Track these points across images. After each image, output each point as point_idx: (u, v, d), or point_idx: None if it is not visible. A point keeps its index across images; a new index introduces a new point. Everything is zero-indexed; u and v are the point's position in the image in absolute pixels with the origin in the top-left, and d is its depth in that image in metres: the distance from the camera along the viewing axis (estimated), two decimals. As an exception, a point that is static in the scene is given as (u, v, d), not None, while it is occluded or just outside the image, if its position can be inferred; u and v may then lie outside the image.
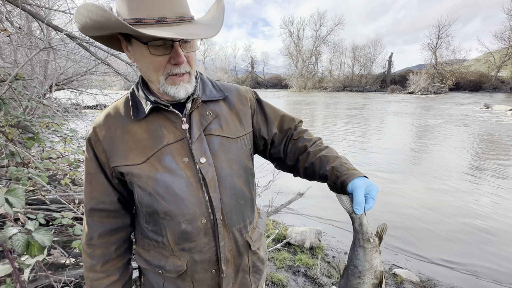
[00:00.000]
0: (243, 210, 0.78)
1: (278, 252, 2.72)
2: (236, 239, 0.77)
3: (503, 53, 38.00)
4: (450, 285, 2.54)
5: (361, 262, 0.71)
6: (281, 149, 0.90)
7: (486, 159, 6.61)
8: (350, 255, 0.75)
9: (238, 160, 0.77)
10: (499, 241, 3.28)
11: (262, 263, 0.90)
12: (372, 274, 0.71)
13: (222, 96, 0.80)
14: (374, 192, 0.72)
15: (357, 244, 0.73)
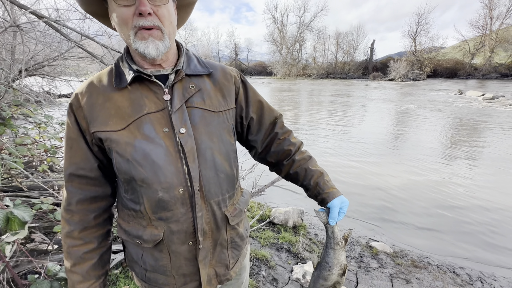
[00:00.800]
0: (222, 184, 0.80)
1: (263, 232, 2.83)
2: (214, 212, 0.80)
3: (477, 41, 39.59)
4: (420, 254, 2.77)
5: (331, 259, 0.91)
6: (261, 143, 0.95)
7: (458, 142, 7.04)
8: (322, 254, 0.95)
9: (219, 134, 0.79)
10: (469, 213, 3.58)
11: (242, 239, 0.93)
12: (339, 267, 0.92)
13: (206, 71, 0.81)
14: (345, 208, 0.91)
15: (329, 246, 0.93)
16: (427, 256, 2.74)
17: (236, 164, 0.88)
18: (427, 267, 2.56)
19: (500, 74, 36.22)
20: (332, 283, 0.91)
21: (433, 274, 2.45)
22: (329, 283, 0.91)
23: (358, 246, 2.85)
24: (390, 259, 2.63)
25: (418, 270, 2.50)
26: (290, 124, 9.26)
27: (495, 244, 2.99)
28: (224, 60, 62.17)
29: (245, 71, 58.28)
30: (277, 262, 2.44)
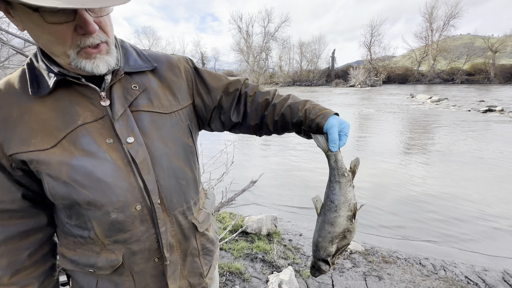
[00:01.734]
0: (185, 191, 0.72)
1: (236, 243, 2.71)
2: (180, 223, 0.72)
3: (422, 50, 44.46)
4: (389, 250, 2.87)
5: (337, 196, 0.76)
6: (236, 112, 0.85)
7: (413, 140, 7.66)
8: (326, 192, 0.80)
9: (174, 138, 0.70)
10: (428, 206, 3.84)
11: (213, 243, 0.86)
12: (347, 207, 0.77)
13: (150, 66, 0.71)
14: (346, 129, 0.78)
15: (333, 180, 0.78)
16: (395, 251, 2.85)
17: (197, 166, 0.80)
18: (396, 261, 2.65)
19: (442, 79, 41.03)
20: (341, 229, 0.77)
21: (402, 268, 2.54)
22: (337, 229, 0.76)
23: (332, 247, 2.87)
24: (362, 258, 2.68)
25: (388, 266, 2.57)
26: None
27: (449, 232, 3.23)
28: (191, 70, 61.09)
29: (213, 80, 57.92)
30: (252, 274, 2.34)
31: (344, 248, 0.82)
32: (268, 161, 5.94)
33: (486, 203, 3.89)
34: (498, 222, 3.41)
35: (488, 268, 2.58)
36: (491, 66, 40.24)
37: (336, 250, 0.82)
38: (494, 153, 6.20)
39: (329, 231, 0.77)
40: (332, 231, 0.77)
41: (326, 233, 0.78)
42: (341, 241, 0.80)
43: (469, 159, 5.85)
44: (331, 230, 0.77)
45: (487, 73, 40.02)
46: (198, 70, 0.82)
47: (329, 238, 0.78)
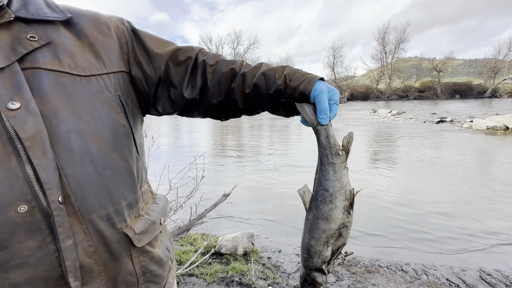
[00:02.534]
0: (112, 186, 0.51)
1: (209, 266, 2.41)
2: (103, 233, 0.50)
3: (379, 70, 48.92)
4: (371, 258, 2.77)
5: (332, 182, 0.61)
6: (191, 86, 0.66)
7: (378, 149, 8.02)
8: (317, 178, 0.63)
9: (94, 110, 0.50)
10: (397, 212, 3.88)
11: (161, 265, 0.63)
12: (343, 195, 0.62)
13: (61, 17, 0.52)
14: (336, 96, 0.64)
15: (325, 162, 0.62)
16: (377, 259, 2.75)
17: (137, 156, 0.59)
18: (379, 270, 2.54)
19: (398, 96, 45.29)
20: (338, 225, 0.61)
21: (385, 277, 2.43)
22: (333, 225, 0.61)
23: (313, 262, 2.69)
24: (345, 270, 2.53)
25: (372, 276, 2.45)
26: (233, 145, 9.13)
27: (422, 236, 3.26)
28: (160, 90, 60.04)
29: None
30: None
31: (340, 250, 0.66)
32: (242, 178, 5.73)
33: (448, 205, 4.05)
34: (462, 222, 3.53)
35: (465, 268, 2.58)
36: (438, 84, 45.52)
37: (331, 253, 0.66)
38: (449, 159, 6.69)
39: (324, 229, 0.62)
40: (327, 228, 0.62)
41: (320, 232, 0.62)
42: (336, 241, 0.65)
43: (428, 165, 6.21)
44: (326, 228, 0.62)
45: (435, 90, 45.09)
46: (137, 32, 0.64)
47: (324, 238, 0.63)
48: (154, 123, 17.98)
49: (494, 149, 7.88)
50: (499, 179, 5.13)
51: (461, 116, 15.58)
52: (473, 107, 23.08)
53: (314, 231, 0.63)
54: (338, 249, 0.66)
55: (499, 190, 4.54)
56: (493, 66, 44.69)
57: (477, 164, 6.27)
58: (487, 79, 44.90)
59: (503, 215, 3.69)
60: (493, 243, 3.05)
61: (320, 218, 0.62)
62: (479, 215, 3.72)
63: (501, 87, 42.22)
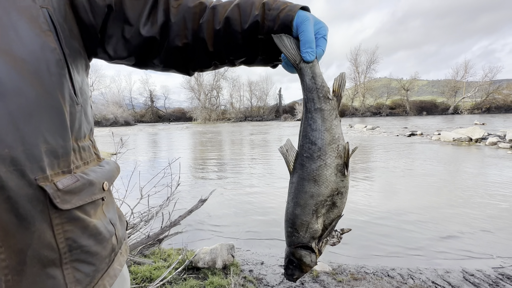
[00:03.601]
0: (25, 120, 0.37)
1: (183, 282, 2.16)
2: (3, 183, 0.34)
3: (353, 89, 51.75)
4: (356, 265, 2.66)
5: (320, 133, 0.50)
6: (151, 23, 0.54)
7: (357, 162, 8.20)
8: (303, 129, 0.52)
9: (9, 19, 0.37)
10: (377, 219, 3.87)
11: (99, 241, 0.47)
12: (335, 151, 0.51)
13: None
14: (324, 30, 0.53)
15: (311, 108, 0.51)
16: (362, 266, 2.65)
17: (73, 97, 0.45)
18: (365, 277, 2.43)
19: (372, 112, 47.93)
20: (330, 189, 0.50)
21: (372, 283, 2.33)
22: (323, 188, 0.50)
23: (297, 272, 2.53)
24: (331, 278, 2.40)
25: (359, 283, 2.33)
26: (214, 160, 8.88)
27: (405, 243, 3.24)
28: (138, 108, 58.64)
29: (163, 118, 56.30)
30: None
31: (334, 225, 0.55)
32: (223, 191, 5.51)
33: (425, 211, 4.13)
34: (439, 226, 3.58)
35: (449, 270, 2.56)
36: (406, 102, 48.89)
37: (323, 228, 0.54)
38: (423, 167, 6.97)
39: (312, 193, 0.50)
40: (316, 192, 0.50)
41: (307, 198, 0.51)
42: (329, 212, 0.53)
43: (404, 173, 6.42)
44: (314, 192, 0.50)
45: (404, 107, 48.36)
46: None
47: (313, 206, 0.51)
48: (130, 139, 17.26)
49: (462, 158, 8.37)
50: (468, 185, 5.37)
51: (430, 130, 16.63)
52: (439, 122, 24.85)
53: (299, 196, 0.51)
54: (331, 223, 0.54)
55: (468, 196, 4.73)
56: (453, 86, 49.10)
57: (448, 172, 6.57)
58: (449, 97, 49.09)
59: (474, 218, 3.80)
60: (468, 245, 3.08)
61: (306, 179, 0.51)
62: (455, 218, 3.80)
63: (461, 104, 46.31)
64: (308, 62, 0.51)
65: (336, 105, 0.53)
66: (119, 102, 51.17)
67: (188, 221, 3.86)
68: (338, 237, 0.59)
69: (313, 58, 0.51)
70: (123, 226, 0.60)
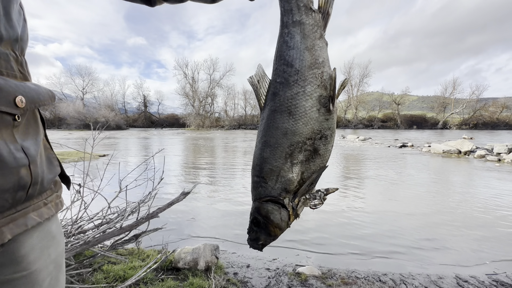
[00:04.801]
0: None
1: (160, 283, 1.98)
2: None
3: (346, 101, 52.68)
4: (347, 270, 2.53)
5: (298, 52, 0.38)
6: None
7: (349, 170, 8.16)
8: (277, 49, 0.40)
9: None
10: (368, 224, 3.77)
11: None
12: (318, 78, 0.39)
13: None
14: None
15: (288, 22, 0.39)
16: (353, 271, 2.52)
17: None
18: (356, 281, 2.30)
19: (364, 125, 48.72)
20: (308, 127, 0.38)
21: (363, 288, 2.20)
22: (300, 124, 0.38)
23: (285, 276, 2.38)
24: (320, 282, 2.26)
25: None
26: (205, 165, 8.69)
27: (397, 248, 3.14)
28: (131, 113, 57.98)
29: (156, 123, 55.73)
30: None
31: (315, 179, 0.43)
32: (212, 194, 5.33)
33: (416, 218, 4.06)
34: (433, 233, 3.50)
35: (442, 276, 2.45)
36: (397, 115, 49.97)
37: (300, 179, 0.41)
38: (413, 177, 6.97)
39: (286, 129, 0.39)
40: (291, 128, 0.39)
41: (279, 135, 0.39)
42: (309, 161, 0.41)
43: (393, 182, 6.38)
44: (289, 127, 0.39)
45: (396, 121, 49.36)
46: None
47: (286, 147, 0.39)
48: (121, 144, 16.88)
49: (452, 169, 8.44)
50: (459, 194, 5.36)
51: (420, 142, 16.89)
52: (429, 135, 25.34)
53: (269, 133, 0.39)
54: (312, 176, 0.43)
55: (459, 204, 4.70)
56: (442, 102, 50.59)
57: (439, 181, 6.58)
58: (438, 112, 50.46)
59: (466, 225, 3.74)
60: (461, 251, 3.00)
61: (278, 111, 0.39)
62: (447, 226, 3.73)
63: (450, 120, 47.60)
64: None
65: (321, 20, 0.42)
66: (112, 106, 50.51)
67: (173, 222, 3.67)
68: (321, 198, 0.47)
69: None
70: (52, 172, 0.47)
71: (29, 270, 0.41)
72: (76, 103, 47.11)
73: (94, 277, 1.86)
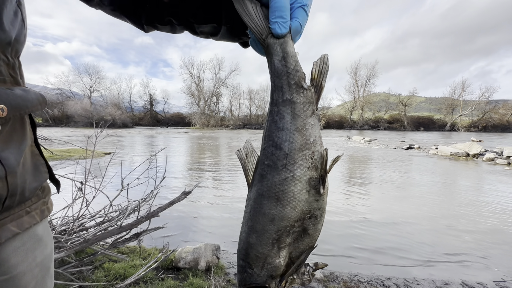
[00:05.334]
0: None
1: (160, 283, 1.97)
2: None
3: (352, 102, 52.29)
4: (350, 273, 2.49)
5: (288, 134, 0.36)
6: None
7: (354, 172, 8.07)
8: (266, 128, 0.38)
9: None
10: (373, 229, 3.71)
11: None
12: (308, 160, 0.37)
13: None
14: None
15: (278, 100, 0.37)
16: (356, 274, 2.48)
17: None
18: (359, 285, 2.26)
19: (370, 126, 48.27)
20: (297, 211, 0.36)
21: (366, 292, 2.16)
22: (288, 210, 0.36)
23: (286, 278, 2.35)
24: (322, 285, 2.22)
25: (351, 291, 2.16)
26: (210, 164, 8.71)
27: (401, 253, 3.07)
28: (137, 111, 58.62)
29: (162, 122, 56.18)
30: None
31: (303, 259, 0.40)
32: (215, 193, 5.33)
33: (422, 222, 3.98)
34: (438, 238, 3.42)
35: (448, 281, 2.39)
36: (404, 117, 49.32)
37: (288, 260, 0.40)
38: (420, 180, 6.85)
39: (273, 215, 0.37)
40: (278, 215, 0.37)
41: (265, 221, 0.37)
42: (297, 242, 0.39)
43: (399, 185, 6.28)
44: (276, 214, 0.37)
45: (402, 122, 48.75)
46: None
47: (273, 233, 0.37)
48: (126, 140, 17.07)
49: (459, 172, 8.28)
50: (467, 198, 5.24)
51: (427, 144, 16.63)
52: (436, 137, 24.95)
53: (256, 219, 0.37)
54: (300, 256, 0.40)
55: (466, 208, 4.59)
56: (450, 103, 49.75)
57: (446, 184, 6.45)
58: (446, 114, 49.64)
59: (474, 231, 3.65)
60: (468, 257, 2.92)
61: (266, 196, 0.37)
62: (454, 230, 3.65)
63: (458, 122, 46.78)
64: (278, 37, 0.38)
65: (313, 97, 0.40)
66: (118, 104, 51.10)
67: (174, 221, 3.68)
68: (310, 274, 0.44)
69: (284, 31, 0.38)
70: (37, 179, 0.45)
71: (11, 274, 0.39)
72: (83, 101, 47.82)
73: (95, 275, 1.86)
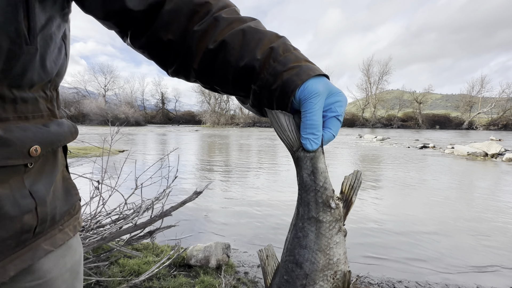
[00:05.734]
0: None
1: (172, 279, 2.04)
2: None
3: (364, 99, 51.25)
4: (359, 275, 2.48)
5: (310, 253, 0.36)
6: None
7: (365, 171, 7.95)
8: (289, 239, 0.38)
9: None
10: (385, 229, 3.66)
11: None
12: (330, 280, 0.36)
13: None
14: (341, 106, 0.41)
15: (304, 216, 0.38)
16: (366, 276, 2.46)
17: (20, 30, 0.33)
18: (369, 287, 2.25)
19: (383, 124, 47.11)
20: None
21: (376, 295, 2.15)
22: None
23: (295, 278, 2.37)
24: (331, 286, 2.23)
25: (361, 293, 2.15)
26: (221, 162, 8.81)
27: (413, 255, 3.02)
28: (149, 109, 59.81)
29: (173, 120, 57.08)
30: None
31: None
32: (225, 192, 5.40)
33: (436, 225, 3.88)
34: (451, 241, 3.34)
35: (462, 285, 2.34)
36: (419, 114, 47.85)
37: None
38: (435, 181, 6.67)
39: None
40: None
41: None
42: None
43: (415, 186, 6.14)
44: None
45: (417, 120, 47.31)
46: None
47: None
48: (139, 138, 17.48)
49: (477, 173, 7.99)
50: (484, 200, 5.07)
51: (442, 143, 16.12)
52: (452, 136, 24.11)
53: None
54: None
55: (483, 211, 4.44)
56: (468, 101, 47.88)
57: (462, 185, 6.26)
58: (464, 112, 47.82)
59: (489, 233, 3.54)
60: (483, 260, 2.84)
61: None
62: (468, 233, 3.55)
63: (477, 120, 44.96)
64: (308, 152, 0.39)
65: (341, 214, 0.39)
66: (131, 103, 52.31)
67: (186, 219, 3.76)
68: None
69: (315, 147, 0.39)
70: (68, 203, 0.48)
71: (45, 278, 0.43)
72: (98, 100, 49.26)
73: (111, 270, 1.95)
